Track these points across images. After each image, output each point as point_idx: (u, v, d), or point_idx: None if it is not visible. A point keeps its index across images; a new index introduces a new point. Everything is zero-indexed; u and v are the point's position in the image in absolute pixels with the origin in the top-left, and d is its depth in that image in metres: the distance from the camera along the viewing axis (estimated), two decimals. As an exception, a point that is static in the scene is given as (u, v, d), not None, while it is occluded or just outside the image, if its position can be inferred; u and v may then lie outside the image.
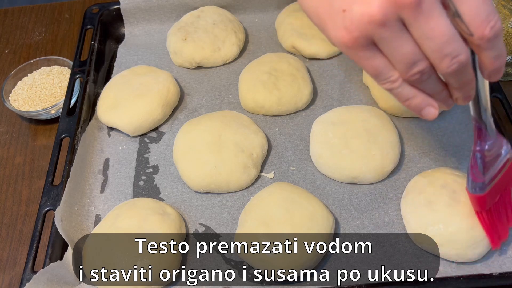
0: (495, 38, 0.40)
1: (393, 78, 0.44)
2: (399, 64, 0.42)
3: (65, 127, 0.70)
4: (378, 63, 0.43)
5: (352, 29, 0.41)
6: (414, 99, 0.45)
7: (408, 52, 0.41)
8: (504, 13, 0.73)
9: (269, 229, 0.57)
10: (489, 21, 0.39)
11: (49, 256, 0.59)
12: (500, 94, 0.69)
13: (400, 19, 0.40)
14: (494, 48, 0.42)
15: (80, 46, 0.80)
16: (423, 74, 0.43)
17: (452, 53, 0.40)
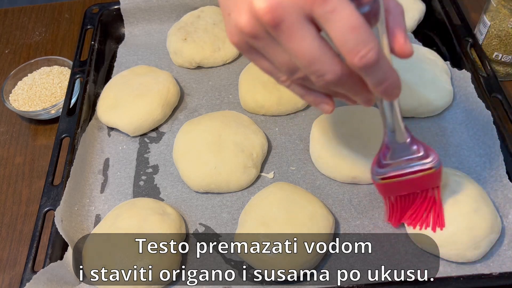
0: (368, 67, 0.39)
1: (282, 79, 0.46)
2: (280, 69, 0.44)
3: (65, 127, 0.70)
4: (265, 65, 0.45)
5: (233, 33, 0.42)
6: (307, 97, 0.47)
7: (283, 61, 0.42)
8: (504, 13, 0.73)
9: (269, 229, 0.57)
10: (358, 51, 0.38)
11: (49, 256, 0.59)
12: (500, 94, 0.69)
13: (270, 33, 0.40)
14: (373, 75, 0.41)
15: (80, 46, 0.80)
16: (305, 80, 0.43)
17: (317, 72, 0.40)
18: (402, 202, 0.58)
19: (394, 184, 0.55)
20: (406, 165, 0.54)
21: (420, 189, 0.56)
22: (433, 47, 0.81)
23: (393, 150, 0.55)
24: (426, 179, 0.55)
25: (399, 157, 0.54)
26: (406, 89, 0.72)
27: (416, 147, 0.54)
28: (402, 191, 0.56)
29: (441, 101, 0.71)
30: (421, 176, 0.54)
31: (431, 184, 0.56)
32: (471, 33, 0.78)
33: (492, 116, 0.66)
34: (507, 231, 0.60)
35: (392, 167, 0.55)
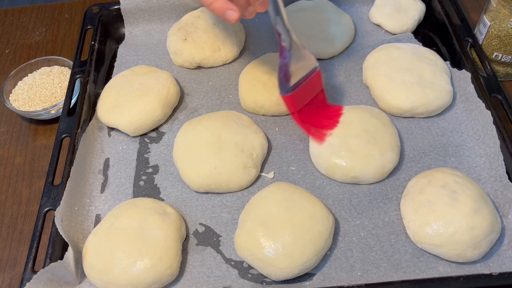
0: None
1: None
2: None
3: (65, 127, 0.70)
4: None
5: None
6: (216, 3, 0.54)
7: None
8: (504, 13, 0.73)
9: (269, 229, 0.57)
10: None
11: (49, 256, 0.59)
12: (500, 94, 0.69)
13: None
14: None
15: (80, 46, 0.80)
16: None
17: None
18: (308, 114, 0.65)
19: (299, 91, 0.62)
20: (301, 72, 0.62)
21: (314, 92, 0.65)
22: (433, 47, 0.81)
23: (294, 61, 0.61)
24: (316, 80, 0.64)
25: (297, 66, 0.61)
26: (406, 89, 0.73)
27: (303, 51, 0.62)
28: (305, 97, 0.64)
29: (441, 101, 0.71)
30: (313, 76, 0.63)
31: (319, 85, 0.65)
32: (471, 33, 0.78)
33: (492, 116, 0.66)
34: (507, 231, 0.60)
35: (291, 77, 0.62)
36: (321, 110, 0.67)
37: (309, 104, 0.66)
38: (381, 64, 0.75)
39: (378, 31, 0.85)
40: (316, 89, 0.66)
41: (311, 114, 0.65)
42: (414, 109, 0.71)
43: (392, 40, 0.82)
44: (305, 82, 0.63)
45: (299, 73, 0.63)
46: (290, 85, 0.62)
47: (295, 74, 0.62)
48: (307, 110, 0.65)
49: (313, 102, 0.66)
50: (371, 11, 0.87)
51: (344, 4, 0.89)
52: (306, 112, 0.65)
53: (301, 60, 0.63)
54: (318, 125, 0.66)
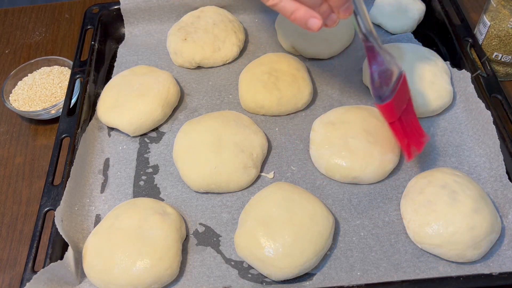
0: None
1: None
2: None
3: (65, 127, 0.70)
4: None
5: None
6: (297, 12, 0.51)
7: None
8: (504, 13, 0.73)
9: (269, 229, 0.57)
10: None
11: (49, 256, 0.59)
12: (500, 94, 0.69)
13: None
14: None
15: (80, 46, 0.80)
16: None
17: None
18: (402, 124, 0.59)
19: (396, 98, 0.56)
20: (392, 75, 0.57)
21: (407, 98, 0.59)
22: (433, 47, 0.81)
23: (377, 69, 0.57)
24: (405, 85, 0.58)
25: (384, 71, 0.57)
26: (406, 89, 0.72)
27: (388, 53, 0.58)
28: (401, 104, 0.58)
29: (441, 101, 0.71)
30: (403, 81, 0.58)
31: (408, 92, 0.59)
32: (471, 33, 0.78)
33: (492, 116, 0.66)
34: (507, 231, 0.60)
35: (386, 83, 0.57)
36: (412, 121, 0.61)
37: (402, 113, 0.59)
38: (381, 64, 0.75)
39: (378, 31, 0.85)
40: (406, 96, 0.59)
41: (406, 124, 0.60)
42: (414, 109, 0.71)
43: (392, 40, 0.82)
44: (398, 88, 0.57)
45: (390, 78, 0.57)
46: (386, 93, 0.56)
47: (387, 80, 0.57)
48: (403, 120, 0.59)
49: (405, 111, 0.59)
50: (371, 11, 0.87)
51: (344, 4, 0.88)
52: (402, 122, 0.59)
53: (388, 64, 0.58)
54: (411, 138, 0.60)
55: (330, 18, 0.52)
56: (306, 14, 0.51)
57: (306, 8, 0.50)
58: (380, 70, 0.57)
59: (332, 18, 0.52)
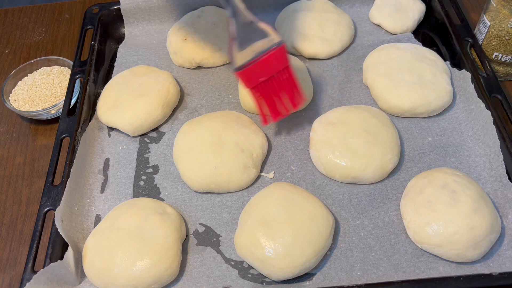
0: None
1: None
2: None
3: (65, 127, 0.70)
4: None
5: None
6: None
7: None
8: (504, 13, 0.73)
9: (269, 229, 0.57)
10: None
11: (49, 256, 0.59)
12: (500, 94, 0.69)
13: None
14: None
15: (80, 46, 0.80)
16: None
17: None
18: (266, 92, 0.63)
19: (253, 67, 0.60)
20: (258, 48, 0.60)
21: (275, 70, 0.61)
22: (433, 47, 0.81)
23: (243, 37, 0.59)
24: (277, 57, 0.61)
25: (250, 41, 0.59)
26: (406, 89, 0.73)
27: (262, 27, 0.60)
28: (262, 74, 0.61)
29: (441, 101, 0.71)
30: (272, 53, 0.60)
31: (282, 63, 0.62)
32: (471, 33, 0.78)
33: (492, 116, 0.66)
34: (507, 231, 0.60)
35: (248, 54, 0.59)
36: (283, 87, 0.64)
37: (270, 80, 0.63)
38: (381, 64, 0.75)
39: (378, 31, 0.85)
40: (278, 65, 0.62)
41: (270, 91, 0.63)
42: (414, 109, 0.71)
43: (392, 40, 0.82)
44: (262, 58, 0.60)
45: (255, 49, 0.60)
46: (241, 63, 0.59)
47: (250, 50, 0.60)
48: (266, 87, 0.63)
49: (276, 79, 0.63)
50: (371, 11, 0.87)
51: (344, 4, 0.89)
52: (265, 89, 0.63)
53: (255, 36, 0.60)
54: (275, 103, 0.64)
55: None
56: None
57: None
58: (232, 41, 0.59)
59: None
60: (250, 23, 0.60)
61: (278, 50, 0.61)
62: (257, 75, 0.61)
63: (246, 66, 0.60)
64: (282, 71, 0.63)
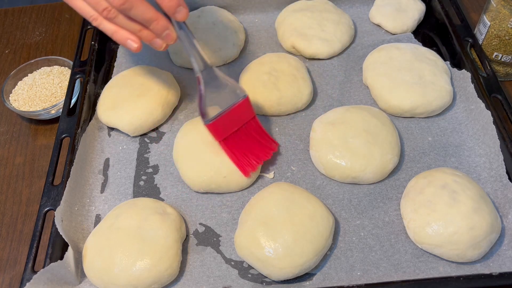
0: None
1: (94, 17, 0.56)
2: (90, 5, 0.55)
3: (65, 127, 0.70)
4: (80, 4, 0.56)
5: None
6: (116, 34, 0.57)
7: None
8: (504, 13, 0.73)
9: (269, 229, 0.57)
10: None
11: (49, 256, 0.59)
12: (500, 94, 0.69)
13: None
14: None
15: (80, 46, 0.80)
16: (109, 12, 0.54)
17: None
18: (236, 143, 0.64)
19: (221, 119, 0.62)
20: (225, 102, 0.63)
21: (242, 122, 0.64)
22: (433, 47, 0.81)
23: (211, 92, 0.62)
24: (242, 109, 0.64)
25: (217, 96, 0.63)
26: (406, 89, 0.73)
27: (227, 82, 0.63)
28: (231, 127, 0.64)
29: (441, 101, 0.71)
30: (238, 105, 0.63)
31: (248, 114, 0.65)
32: (471, 33, 0.78)
33: (492, 116, 0.66)
34: (507, 231, 0.60)
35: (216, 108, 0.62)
36: (252, 138, 0.66)
37: (238, 132, 0.65)
38: (381, 64, 0.75)
39: (378, 31, 0.85)
40: (244, 116, 0.65)
41: (241, 142, 0.65)
42: (414, 109, 0.71)
43: (392, 40, 0.82)
44: (229, 111, 0.63)
45: (223, 103, 0.63)
46: (211, 117, 0.62)
47: (218, 104, 0.63)
48: (236, 138, 0.65)
49: (243, 130, 0.65)
50: (371, 11, 0.87)
51: (344, 4, 0.89)
52: (235, 140, 0.65)
53: (222, 90, 0.63)
54: (247, 154, 0.65)
55: (155, 42, 0.58)
56: (124, 36, 0.56)
57: (124, 32, 0.56)
58: (201, 96, 0.62)
59: (157, 43, 0.58)
60: (216, 79, 0.62)
61: (243, 102, 0.64)
62: (226, 127, 0.63)
63: (214, 118, 0.62)
64: (249, 122, 0.65)
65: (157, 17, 0.55)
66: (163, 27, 0.56)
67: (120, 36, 0.57)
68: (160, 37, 0.57)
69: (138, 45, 0.57)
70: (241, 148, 0.65)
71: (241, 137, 0.65)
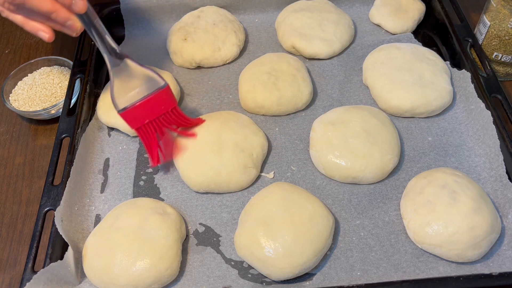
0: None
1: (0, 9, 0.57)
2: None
3: (65, 127, 0.70)
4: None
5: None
6: (26, 25, 0.58)
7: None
8: (504, 13, 0.73)
9: (269, 229, 0.57)
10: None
11: (49, 256, 0.59)
12: (500, 94, 0.69)
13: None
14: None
15: (80, 46, 0.80)
16: (10, 5, 0.55)
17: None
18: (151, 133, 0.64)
19: (136, 108, 0.62)
20: (143, 91, 0.62)
21: (161, 111, 0.63)
22: (433, 47, 0.81)
23: (126, 81, 0.62)
24: (161, 98, 0.63)
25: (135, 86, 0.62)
26: (406, 89, 0.73)
27: (146, 72, 0.62)
28: (147, 115, 0.63)
29: (441, 101, 0.71)
30: (156, 95, 0.62)
31: (168, 104, 0.64)
32: (471, 33, 0.78)
33: (492, 116, 0.66)
34: (507, 231, 0.60)
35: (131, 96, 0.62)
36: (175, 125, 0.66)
37: (158, 121, 0.64)
38: (381, 64, 0.75)
39: (378, 31, 0.85)
40: (164, 106, 0.64)
41: (158, 131, 0.65)
42: (414, 109, 0.71)
43: (392, 40, 0.82)
44: (145, 99, 0.62)
45: (139, 91, 0.62)
46: (125, 105, 0.62)
47: (134, 92, 0.62)
48: (152, 128, 0.64)
49: (163, 119, 0.64)
50: (371, 11, 0.87)
51: (344, 4, 0.89)
52: (151, 130, 0.64)
53: (138, 80, 0.62)
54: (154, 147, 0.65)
55: (65, 30, 0.59)
56: (35, 27, 0.57)
57: (34, 23, 0.57)
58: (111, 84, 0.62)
59: (66, 31, 0.59)
60: (128, 69, 0.62)
61: (162, 91, 0.63)
62: (142, 116, 0.63)
63: (129, 107, 0.62)
64: (170, 112, 0.65)
65: (56, 9, 0.55)
66: (64, 18, 0.57)
67: (31, 27, 0.57)
68: (64, 27, 0.58)
69: (49, 35, 0.58)
70: (155, 137, 0.65)
71: (159, 125, 0.64)
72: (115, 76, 0.62)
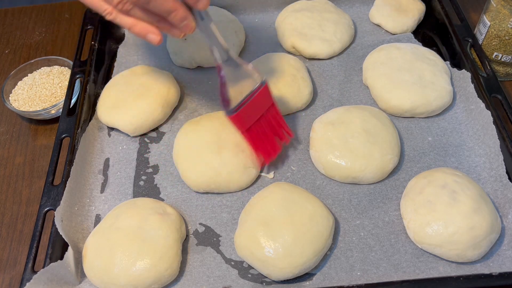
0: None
1: (108, 11, 0.53)
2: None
3: (65, 127, 0.70)
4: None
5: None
6: (134, 28, 0.54)
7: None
8: (504, 13, 0.73)
9: (269, 229, 0.57)
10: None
11: (49, 256, 0.59)
12: (500, 94, 0.69)
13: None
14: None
15: (80, 46, 0.80)
16: (125, 4, 0.52)
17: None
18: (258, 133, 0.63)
19: (244, 109, 0.60)
20: (245, 90, 0.61)
21: (263, 110, 0.63)
22: (433, 47, 0.81)
23: (232, 80, 0.60)
24: (263, 96, 0.62)
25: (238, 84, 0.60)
26: (406, 89, 0.73)
27: (246, 68, 0.61)
28: (253, 116, 0.62)
29: (441, 101, 0.71)
30: (259, 93, 0.61)
31: (268, 101, 0.63)
32: (471, 33, 0.78)
33: (492, 116, 0.66)
34: (507, 231, 0.60)
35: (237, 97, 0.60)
36: (273, 127, 0.65)
37: (260, 121, 0.63)
38: (381, 64, 0.75)
39: (378, 31, 0.85)
40: (265, 104, 0.63)
41: (262, 131, 0.64)
42: (414, 109, 0.71)
43: (392, 40, 0.82)
44: (251, 99, 0.61)
45: (243, 91, 0.61)
46: (233, 106, 0.60)
47: (238, 92, 0.61)
48: (258, 128, 0.63)
49: (264, 118, 0.64)
50: (371, 11, 0.87)
51: (344, 4, 0.89)
52: (257, 130, 0.64)
53: (242, 78, 0.61)
54: (269, 144, 0.65)
55: (173, 32, 0.55)
56: (143, 30, 0.54)
57: (144, 24, 0.54)
58: (222, 85, 0.60)
59: (175, 32, 0.55)
60: (236, 66, 0.60)
61: (263, 89, 0.62)
62: (248, 117, 0.62)
63: (237, 109, 0.60)
64: (268, 110, 0.64)
65: (176, 7, 0.52)
66: (182, 18, 0.53)
67: (140, 29, 0.54)
68: (178, 28, 0.54)
69: (159, 37, 0.55)
70: (262, 138, 0.64)
71: (261, 125, 0.63)
72: (227, 77, 0.59)
